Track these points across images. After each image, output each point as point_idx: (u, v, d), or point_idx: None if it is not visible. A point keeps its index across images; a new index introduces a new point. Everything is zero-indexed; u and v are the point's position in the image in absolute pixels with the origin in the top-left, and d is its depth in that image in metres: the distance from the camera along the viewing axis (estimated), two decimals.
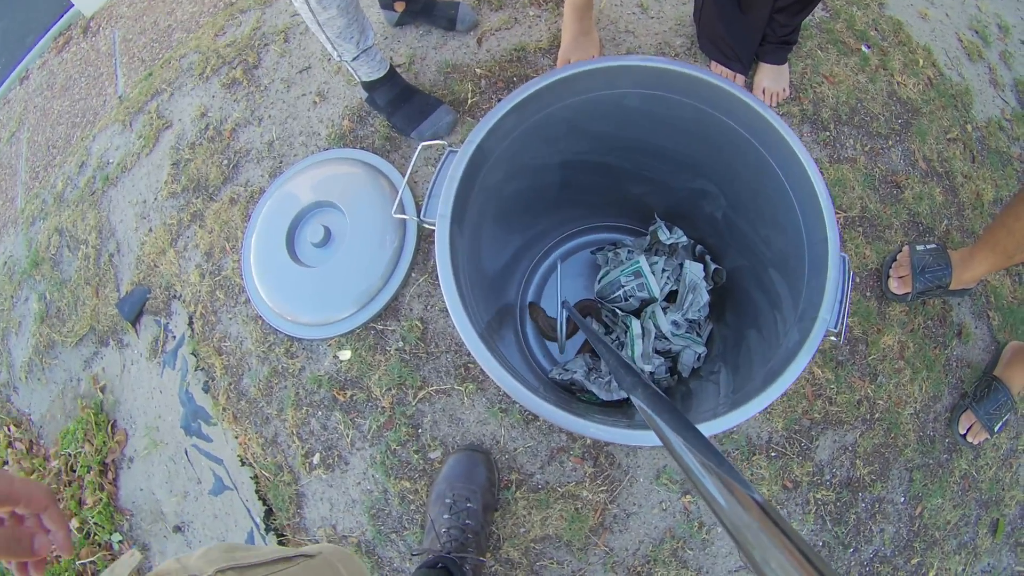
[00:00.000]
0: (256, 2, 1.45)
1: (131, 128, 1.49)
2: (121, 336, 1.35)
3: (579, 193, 0.96)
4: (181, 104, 1.41)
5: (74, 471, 1.33)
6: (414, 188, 1.16)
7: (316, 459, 1.12)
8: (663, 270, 0.90)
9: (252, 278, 1.14)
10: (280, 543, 1.12)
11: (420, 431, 1.06)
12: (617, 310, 0.93)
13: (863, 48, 1.29)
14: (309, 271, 1.10)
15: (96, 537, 1.24)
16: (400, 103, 1.12)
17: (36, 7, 1.96)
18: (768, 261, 0.85)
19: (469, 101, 1.17)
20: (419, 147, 0.79)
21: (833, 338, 0.69)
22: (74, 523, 1.24)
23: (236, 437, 1.19)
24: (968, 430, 1.18)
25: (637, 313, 0.92)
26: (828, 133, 1.20)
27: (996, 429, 1.17)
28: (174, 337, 1.28)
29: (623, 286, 0.90)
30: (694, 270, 0.90)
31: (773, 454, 1.07)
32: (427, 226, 0.74)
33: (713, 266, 0.93)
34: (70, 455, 1.33)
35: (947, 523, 1.19)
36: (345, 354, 1.10)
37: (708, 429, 0.61)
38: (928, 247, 1.17)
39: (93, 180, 1.50)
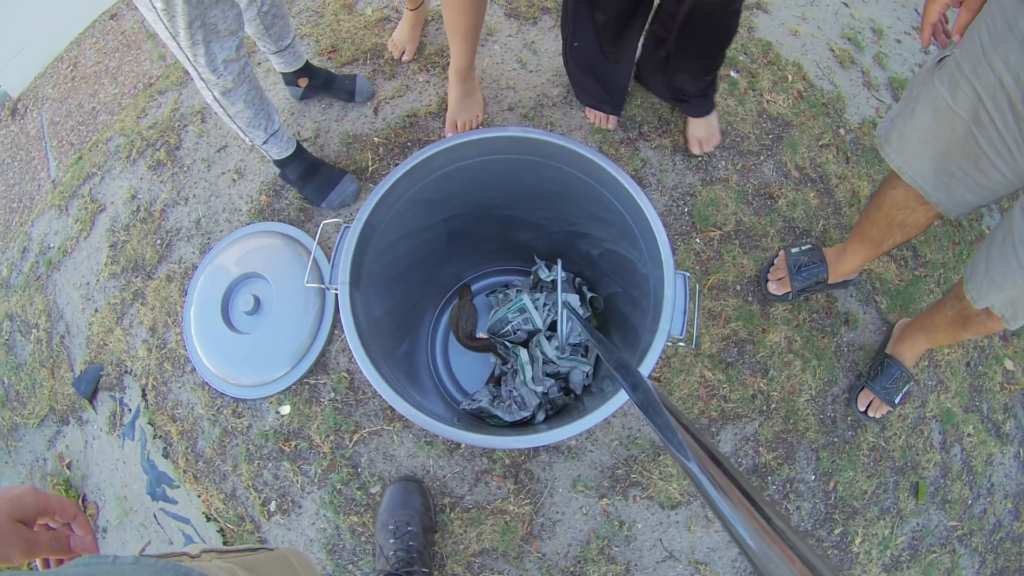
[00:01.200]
0: (173, 83, 1.69)
1: (67, 212, 1.71)
2: (80, 413, 1.57)
3: (469, 244, 1.20)
4: (112, 187, 1.64)
5: None
6: (328, 253, 1.39)
7: (273, 506, 1.34)
8: (544, 304, 1.15)
9: (195, 348, 1.37)
10: None
11: (360, 470, 1.29)
12: (507, 343, 1.17)
13: (731, 73, 1.55)
14: (244, 337, 1.33)
15: None
16: (309, 177, 1.36)
17: None
18: (633, 287, 1.09)
19: (370, 169, 1.41)
20: (321, 225, 1.03)
21: (682, 343, 0.92)
22: None
23: (199, 496, 1.41)
24: (868, 406, 1.39)
25: (526, 343, 1.17)
26: (699, 159, 1.45)
27: (896, 401, 1.37)
28: (130, 410, 1.50)
29: (510, 322, 1.14)
30: (571, 300, 1.14)
31: None
32: (333, 291, 0.97)
33: (589, 295, 1.17)
34: None
35: (864, 493, 1.41)
36: (285, 409, 1.33)
37: (579, 426, 0.82)
38: (803, 248, 1.41)
39: (37, 265, 1.72)
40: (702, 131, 1.45)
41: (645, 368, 0.87)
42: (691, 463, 0.45)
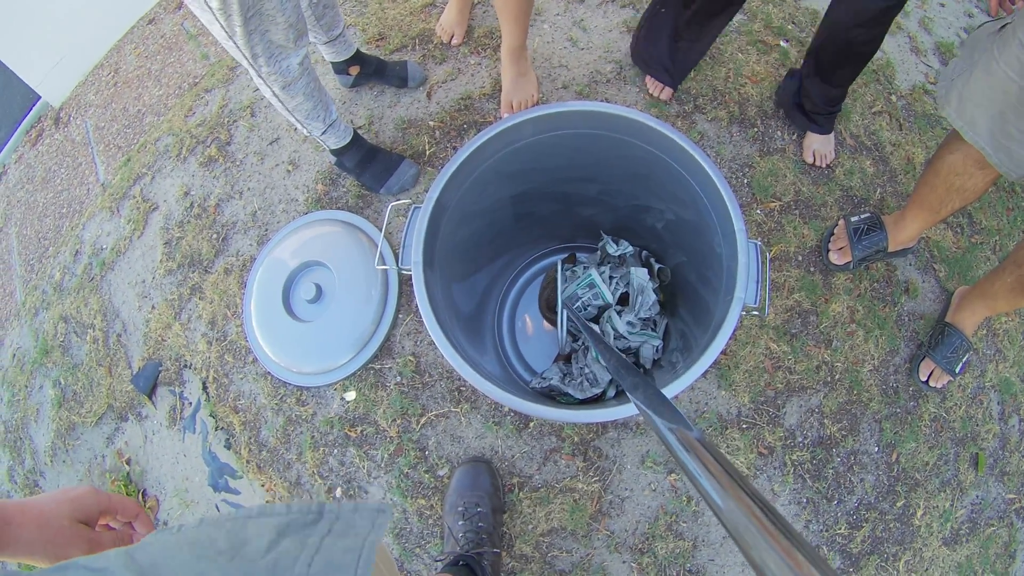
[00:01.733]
0: (219, 81, 1.71)
1: (119, 213, 1.73)
2: (139, 409, 1.59)
3: (534, 221, 1.21)
4: (163, 186, 1.66)
5: None
6: (390, 239, 1.41)
7: (338, 493, 1.35)
8: (611, 278, 1.14)
9: (256, 339, 1.38)
10: None
11: (427, 453, 1.30)
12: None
13: (781, 43, 1.53)
14: (307, 325, 1.34)
15: None
16: (367, 163, 1.37)
17: (3, 102, 2.22)
18: (705, 266, 1.09)
19: (427, 152, 1.42)
20: (389, 207, 1.03)
21: (755, 312, 0.91)
22: None
23: (262, 485, 1.42)
24: (929, 376, 1.38)
25: (596, 319, 1.16)
26: (756, 129, 1.44)
27: (957, 371, 1.37)
28: (190, 403, 1.52)
29: (580, 297, 1.14)
30: (639, 274, 1.13)
31: (744, 426, 1.31)
32: (405, 272, 0.97)
33: (657, 266, 1.17)
34: None
35: (925, 464, 1.40)
36: (350, 395, 1.34)
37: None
38: (862, 216, 1.40)
39: (90, 267, 1.75)
40: (820, 144, 1.46)
41: (722, 337, 0.86)
42: (692, 462, 0.47)
